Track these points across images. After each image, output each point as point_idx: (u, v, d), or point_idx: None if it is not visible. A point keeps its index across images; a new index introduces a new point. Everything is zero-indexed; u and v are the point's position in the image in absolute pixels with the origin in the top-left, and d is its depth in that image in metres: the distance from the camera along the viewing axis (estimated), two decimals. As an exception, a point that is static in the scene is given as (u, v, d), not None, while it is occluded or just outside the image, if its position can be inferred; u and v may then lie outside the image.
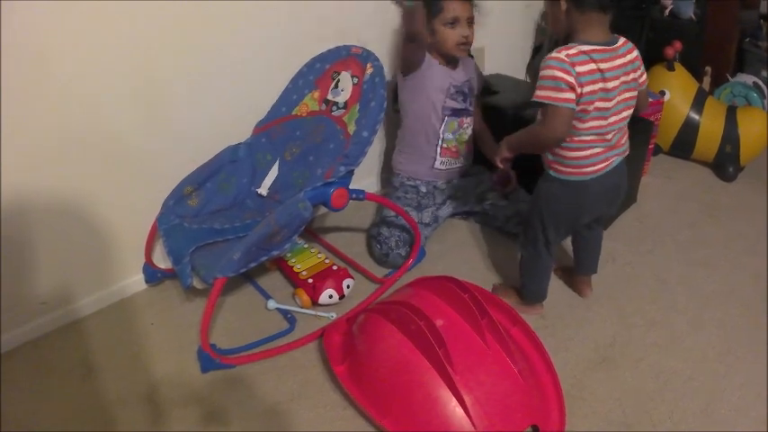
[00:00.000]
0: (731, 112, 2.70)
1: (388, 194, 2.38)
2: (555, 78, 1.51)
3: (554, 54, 1.53)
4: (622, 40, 1.61)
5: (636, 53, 1.63)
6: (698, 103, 2.73)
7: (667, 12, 3.10)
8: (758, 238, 2.32)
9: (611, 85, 1.55)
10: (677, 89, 2.73)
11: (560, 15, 1.58)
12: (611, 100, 1.57)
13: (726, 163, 2.70)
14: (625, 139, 1.70)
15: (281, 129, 2.06)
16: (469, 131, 2.33)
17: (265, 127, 2.09)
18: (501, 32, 2.35)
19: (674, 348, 1.82)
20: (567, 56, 1.51)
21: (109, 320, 1.96)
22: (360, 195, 1.82)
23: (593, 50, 1.53)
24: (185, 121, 1.95)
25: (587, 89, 1.52)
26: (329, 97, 1.99)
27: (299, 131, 2.03)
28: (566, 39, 1.59)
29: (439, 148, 2.27)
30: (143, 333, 1.91)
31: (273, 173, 2.05)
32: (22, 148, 1.66)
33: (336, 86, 1.97)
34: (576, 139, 1.60)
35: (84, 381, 1.75)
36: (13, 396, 1.70)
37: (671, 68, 2.75)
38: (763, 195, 2.59)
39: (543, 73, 1.53)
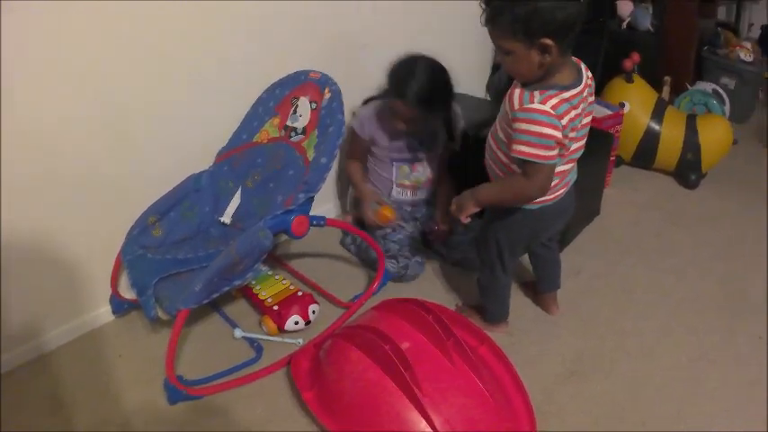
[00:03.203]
0: (691, 120, 2.74)
1: None
2: (543, 136, 1.40)
3: (537, 106, 1.40)
4: (584, 66, 1.52)
5: (590, 74, 1.53)
6: (658, 113, 2.76)
7: (625, 24, 3.16)
8: (724, 244, 2.35)
9: (582, 120, 1.51)
10: (637, 100, 2.77)
11: (534, 62, 1.39)
12: (579, 133, 1.53)
13: (688, 171, 2.74)
14: None
15: (242, 156, 2.05)
16: (428, 173, 2.28)
17: (227, 154, 2.08)
18: (458, 51, 2.33)
19: (645, 357, 1.84)
20: (553, 107, 1.39)
21: (78, 353, 1.93)
22: (320, 222, 1.82)
23: (573, 96, 1.43)
24: (149, 150, 1.93)
25: (570, 136, 1.46)
26: (288, 123, 1.98)
27: (260, 158, 2.01)
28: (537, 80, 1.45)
29: (394, 185, 2.28)
30: (112, 365, 1.88)
31: (236, 201, 2.03)
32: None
33: (295, 112, 1.97)
34: None
35: (53, 415, 1.72)
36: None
37: (630, 80, 2.78)
38: (727, 201, 2.63)
39: (528, 127, 1.41)
